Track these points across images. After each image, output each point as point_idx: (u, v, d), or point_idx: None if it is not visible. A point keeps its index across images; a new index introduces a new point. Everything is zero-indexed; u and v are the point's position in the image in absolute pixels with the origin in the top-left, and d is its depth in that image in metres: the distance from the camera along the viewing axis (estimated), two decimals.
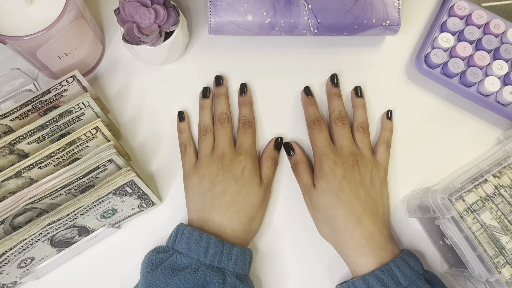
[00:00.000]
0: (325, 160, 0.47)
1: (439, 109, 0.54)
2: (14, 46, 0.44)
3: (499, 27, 0.53)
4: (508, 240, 0.43)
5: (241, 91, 0.53)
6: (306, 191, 0.49)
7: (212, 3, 0.49)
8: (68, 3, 0.43)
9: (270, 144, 0.51)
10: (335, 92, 0.52)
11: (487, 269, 0.41)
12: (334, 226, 0.46)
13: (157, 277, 0.42)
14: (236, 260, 0.43)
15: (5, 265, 0.41)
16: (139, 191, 0.44)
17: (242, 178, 0.47)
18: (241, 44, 0.55)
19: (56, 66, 0.48)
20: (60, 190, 0.41)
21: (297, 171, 0.50)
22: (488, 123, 0.54)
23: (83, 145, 0.44)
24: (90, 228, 0.45)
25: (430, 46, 0.53)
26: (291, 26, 0.50)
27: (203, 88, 0.53)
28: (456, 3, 0.54)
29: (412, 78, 0.55)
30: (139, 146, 0.52)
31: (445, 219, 0.43)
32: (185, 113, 0.52)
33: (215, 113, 0.51)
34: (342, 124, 0.50)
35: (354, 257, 0.45)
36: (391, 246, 0.45)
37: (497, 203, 0.44)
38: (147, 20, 0.44)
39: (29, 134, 0.43)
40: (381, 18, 0.51)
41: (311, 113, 0.51)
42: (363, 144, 0.50)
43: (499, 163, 0.45)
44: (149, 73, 0.54)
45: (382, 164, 0.50)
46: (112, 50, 0.54)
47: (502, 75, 0.52)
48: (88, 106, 0.45)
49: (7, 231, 0.42)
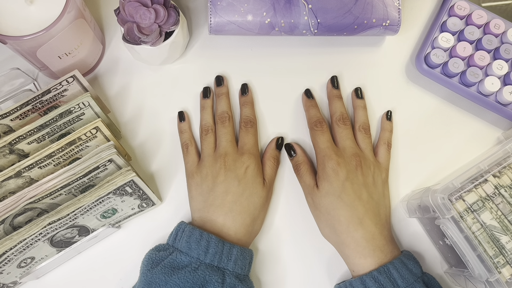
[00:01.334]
0: (328, 161, 0.47)
1: (439, 109, 0.54)
2: (14, 46, 0.44)
3: (499, 27, 0.53)
4: (508, 240, 0.43)
5: (242, 92, 0.53)
6: (309, 192, 0.49)
7: (212, 3, 0.49)
8: (68, 3, 0.43)
9: (271, 144, 0.51)
10: (336, 94, 0.52)
11: (487, 269, 0.41)
12: (335, 227, 0.46)
13: (156, 275, 0.42)
14: (236, 260, 0.43)
15: (5, 265, 0.41)
16: (139, 191, 0.44)
17: (245, 178, 0.47)
18: (241, 44, 0.55)
19: (56, 66, 0.48)
20: (60, 190, 0.41)
21: (299, 172, 0.50)
22: (488, 123, 0.54)
23: (83, 145, 0.44)
24: (90, 228, 0.45)
25: (430, 46, 0.53)
26: (291, 26, 0.50)
27: (204, 88, 0.53)
28: (456, 3, 0.54)
29: (412, 78, 0.55)
30: (139, 146, 0.52)
31: (445, 219, 0.43)
32: (185, 113, 0.52)
33: (216, 112, 0.51)
34: (344, 125, 0.50)
35: (353, 258, 0.45)
36: (391, 248, 0.45)
37: (497, 203, 0.44)
38: (147, 20, 0.44)
39: (29, 134, 0.43)
40: (381, 18, 0.51)
41: (312, 115, 0.51)
42: (365, 145, 0.50)
43: (499, 163, 0.45)
44: (149, 73, 0.54)
45: (384, 165, 0.50)
46: (112, 50, 0.54)
47: (502, 75, 0.52)
48: (88, 106, 0.45)
49: (7, 231, 0.42)
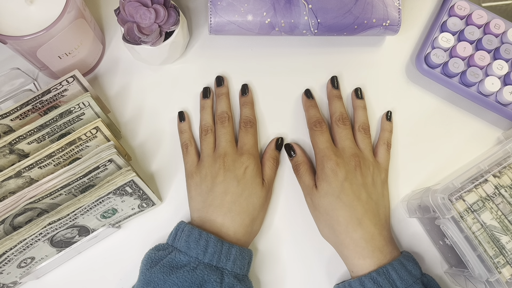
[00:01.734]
0: (327, 161, 0.47)
1: (439, 109, 0.54)
2: (14, 46, 0.44)
3: (499, 27, 0.53)
4: (508, 240, 0.43)
5: (243, 92, 0.53)
6: (308, 192, 0.49)
7: (212, 3, 0.49)
8: (68, 3, 0.43)
9: (271, 144, 0.51)
10: (336, 94, 0.52)
11: (487, 269, 0.41)
12: (334, 227, 0.46)
13: (155, 274, 0.42)
14: (235, 260, 0.43)
15: (5, 265, 0.41)
16: (139, 191, 0.44)
17: (244, 179, 0.47)
18: (241, 44, 0.55)
19: (56, 66, 0.48)
20: (60, 190, 0.41)
21: (298, 172, 0.50)
22: (488, 123, 0.54)
23: (83, 145, 0.44)
24: (90, 228, 0.45)
25: (430, 46, 0.53)
26: (291, 26, 0.50)
27: (204, 88, 0.53)
28: (456, 3, 0.53)
29: (412, 78, 0.55)
30: (139, 146, 0.52)
31: (445, 219, 0.43)
32: (185, 113, 0.52)
33: (216, 112, 0.51)
34: (344, 125, 0.50)
35: (353, 258, 0.45)
36: (390, 248, 0.45)
37: (497, 203, 0.44)
38: (147, 20, 0.44)
39: (29, 134, 0.43)
40: (381, 18, 0.51)
41: (312, 115, 0.51)
42: (365, 145, 0.50)
43: (499, 163, 0.45)
44: (149, 73, 0.54)
45: (383, 165, 0.50)
46: (112, 50, 0.54)
47: (502, 75, 0.52)
48: (88, 106, 0.45)
49: (7, 231, 0.42)
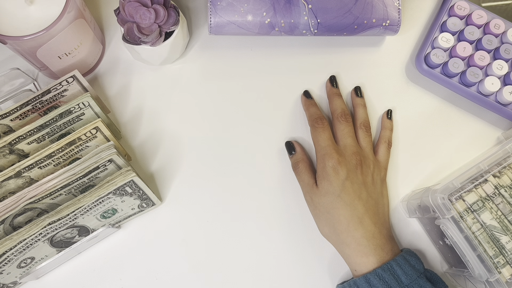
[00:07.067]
0: (328, 159, 0.47)
1: (439, 109, 0.54)
2: (14, 46, 0.44)
3: (499, 27, 0.53)
4: (508, 240, 0.43)
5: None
6: (307, 190, 0.48)
7: (212, 3, 0.49)
8: (68, 3, 0.43)
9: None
10: (336, 92, 0.52)
11: (487, 269, 0.41)
12: (335, 226, 0.46)
13: None
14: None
15: (5, 265, 0.41)
16: (139, 191, 0.44)
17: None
18: (241, 44, 0.55)
19: (56, 66, 0.48)
20: (60, 190, 0.41)
21: (297, 170, 0.49)
22: (488, 123, 0.54)
23: (83, 145, 0.44)
24: (90, 228, 0.45)
25: (430, 46, 0.53)
26: (291, 26, 0.50)
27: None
28: (456, 3, 0.54)
29: (412, 78, 0.55)
30: (139, 146, 0.52)
31: (445, 219, 0.43)
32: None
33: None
34: (346, 122, 0.49)
35: (355, 257, 0.45)
36: (391, 246, 0.45)
37: (497, 203, 0.44)
38: (147, 20, 0.44)
39: (29, 134, 0.43)
40: (381, 18, 0.51)
41: (313, 112, 0.51)
42: (366, 143, 0.50)
43: (499, 163, 0.45)
44: (149, 73, 0.54)
45: (383, 164, 0.50)
46: (112, 50, 0.54)
47: (502, 75, 0.52)
48: (88, 106, 0.45)
49: (7, 231, 0.42)
